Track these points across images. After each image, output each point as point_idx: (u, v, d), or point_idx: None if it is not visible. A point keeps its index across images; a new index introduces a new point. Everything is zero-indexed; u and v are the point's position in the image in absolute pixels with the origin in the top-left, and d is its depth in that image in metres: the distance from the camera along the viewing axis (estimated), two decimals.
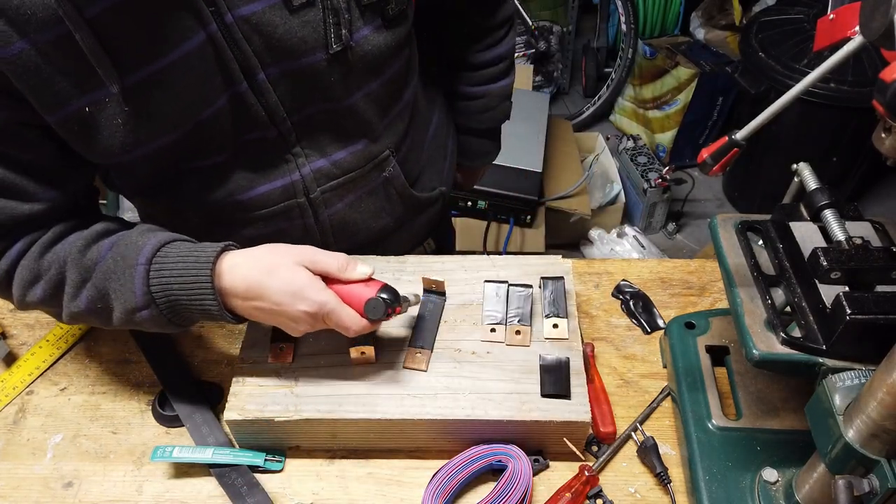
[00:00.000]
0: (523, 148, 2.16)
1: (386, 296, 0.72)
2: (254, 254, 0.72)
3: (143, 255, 0.71)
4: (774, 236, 0.74)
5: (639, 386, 0.88)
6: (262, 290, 0.70)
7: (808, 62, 2.11)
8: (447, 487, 0.74)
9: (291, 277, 0.70)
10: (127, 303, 0.71)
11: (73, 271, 0.73)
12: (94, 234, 0.75)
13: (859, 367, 0.61)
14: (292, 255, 0.72)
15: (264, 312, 0.71)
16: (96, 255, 0.73)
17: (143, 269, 0.70)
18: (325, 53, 0.75)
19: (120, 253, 0.72)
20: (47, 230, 0.74)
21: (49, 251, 0.74)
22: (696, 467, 0.74)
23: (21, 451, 0.83)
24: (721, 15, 2.87)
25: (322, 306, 0.70)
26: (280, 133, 0.80)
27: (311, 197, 0.86)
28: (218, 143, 0.78)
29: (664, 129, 2.76)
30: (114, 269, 0.71)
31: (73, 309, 0.74)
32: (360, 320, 0.72)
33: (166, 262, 0.71)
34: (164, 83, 0.69)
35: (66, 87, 0.65)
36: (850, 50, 0.54)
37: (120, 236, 0.75)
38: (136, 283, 0.70)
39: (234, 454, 0.79)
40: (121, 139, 0.70)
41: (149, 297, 0.70)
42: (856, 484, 0.57)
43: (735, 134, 0.61)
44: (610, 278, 1.02)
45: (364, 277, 0.73)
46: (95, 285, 0.72)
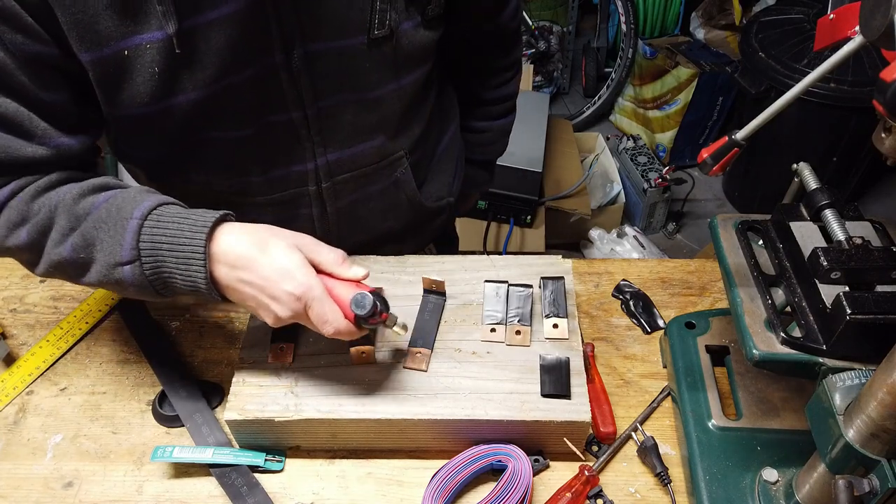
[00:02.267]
0: (523, 148, 2.16)
1: (379, 301, 0.70)
2: (253, 228, 0.71)
3: (139, 209, 0.69)
4: (774, 236, 0.74)
5: (639, 386, 0.88)
6: (252, 262, 0.68)
7: (808, 62, 2.11)
8: (447, 487, 0.74)
9: (285, 256, 0.68)
10: (111, 255, 0.69)
11: (63, 217, 0.71)
12: (91, 186, 0.73)
13: (859, 366, 0.61)
14: (291, 236, 0.71)
15: (248, 286, 0.69)
16: (90, 205, 0.71)
17: (137, 223, 0.68)
18: (365, 38, 0.76)
19: (116, 205, 0.70)
20: (43, 176, 0.73)
21: (42, 196, 0.72)
22: (696, 467, 0.74)
23: (21, 451, 0.83)
24: (721, 15, 2.87)
25: (309, 290, 0.67)
26: (304, 117, 0.80)
27: (322, 187, 0.87)
28: (240, 115, 0.77)
29: (664, 129, 2.76)
30: (105, 219, 0.69)
31: (54, 256, 0.72)
32: (341, 318, 0.69)
33: (161, 221, 0.69)
34: (209, 36, 0.69)
35: (110, 27, 0.65)
36: (850, 50, 0.54)
37: (118, 192, 0.73)
38: (126, 235, 0.68)
39: (234, 454, 0.79)
40: (151, 88, 0.70)
41: (135, 253, 0.68)
42: (856, 484, 0.57)
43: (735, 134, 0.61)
44: (610, 278, 1.02)
45: (357, 278, 0.71)
46: (83, 233, 0.70)
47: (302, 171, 0.85)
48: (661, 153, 2.80)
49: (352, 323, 0.69)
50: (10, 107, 0.68)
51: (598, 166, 2.55)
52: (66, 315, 0.97)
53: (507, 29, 0.98)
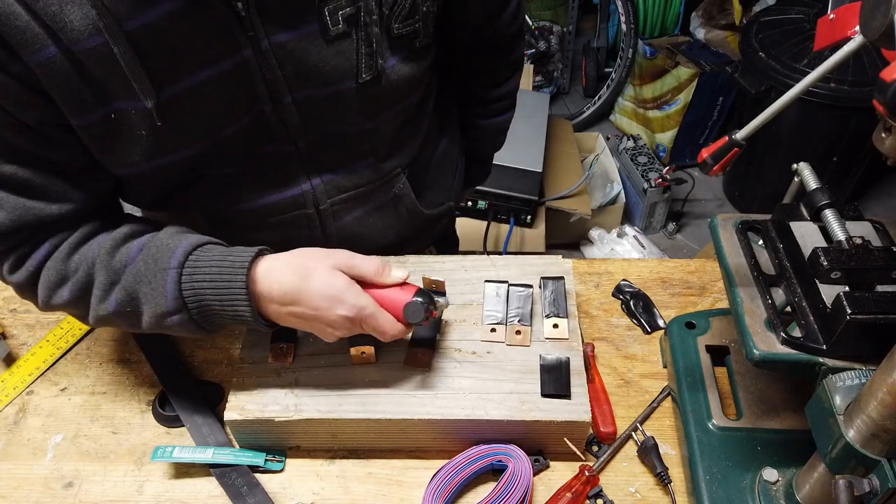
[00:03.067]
0: (523, 148, 2.16)
1: (422, 299, 0.73)
2: (289, 258, 0.71)
3: (175, 258, 0.70)
4: (774, 236, 0.74)
5: (639, 386, 0.88)
6: (299, 295, 0.69)
7: (808, 62, 2.11)
8: (447, 487, 0.74)
9: (329, 282, 0.69)
10: (158, 307, 0.70)
11: (102, 273, 0.71)
12: (122, 236, 0.74)
13: (859, 366, 0.61)
14: (329, 259, 0.71)
15: (300, 318, 0.71)
16: (126, 256, 0.72)
17: (176, 273, 0.69)
18: (353, 83, 0.76)
19: (151, 255, 0.71)
20: (73, 231, 0.73)
21: (76, 252, 0.73)
22: (696, 467, 0.74)
23: (21, 451, 0.83)
24: (721, 15, 2.87)
25: (361, 310, 0.70)
26: (296, 148, 0.80)
27: (320, 209, 0.87)
28: (234, 157, 0.78)
29: (664, 128, 2.76)
30: (144, 273, 0.70)
31: (101, 312, 0.73)
32: (397, 324, 0.72)
33: (199, 266, 0.69)
34: (192, 101, 0.69)
35: (93, 96, 0.65)
36: (850, 50, 0.54)
37: (150, 238, 0.73)
38: (167, 287, 0.69)
39: (235, 454, 0.79)
40: (141, 150, 0.70)
41: (180, 302, 0.69)
42: (856, 484, 0.57)
43: (735, 134, 0.61)
44: (610, 278, 1.02)
45: (399, 281, 0.74)
46: (125, 288, 0.71)
47: (297, 195, 0.84)
48: (661, 153, 2.80)
49: (406, 326, 0.74)
50: (24, 173, 0.68)
51: (598, 166, 2.55)
52: (66, 315, 0.97)
53: (508, 31, 0.98)
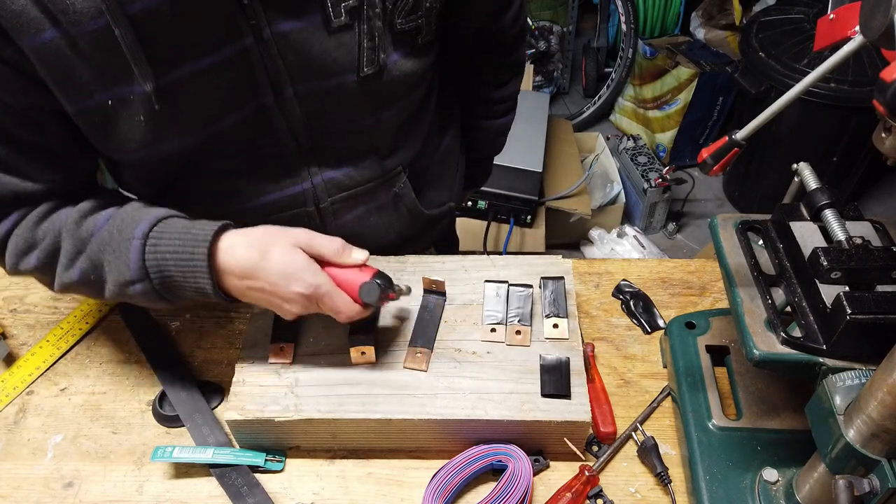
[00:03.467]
0: (523, 148, 2.16)
1: (380, 281, 0.73)
2: (251, 234, 0.72)
3: (139, 228, 0.71)
4: (774, 236, 0.74)
5: (639, 386, 0.88)
6: (258, 271, 0.69)
7: (808, 62, 2.11)
8: (447, 487, 0.74)
9: (287, 259, 0.70)
10: (120, 275, 0.71)
11: (68, 242, 0.73)
12: (90, 207, 0.75)
13: (859, 366, 0.61)
14: (289, 236, 0.71)
15: (258, 292, 0.71)
16: (92, 226, 0.73)
17: (140, 243, 0.70)
18: (355, 76, 0.76)
19: (116, 226, 0.72)
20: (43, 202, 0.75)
21: (45, 221, 0.74)
22: (696, 467, 0.74)
23: (21, 451, 0.83)
24: (721, 15, 2.87)
25: (317, 289, 0.70)
26: (296, 145, 0.81)
27: (320, 207, 0.87)
28: (234, 149, 0.78)
29: (664, 129, 2.76)
30: (109, 242, 0.71)
31: (66, 279, 0.74)
32: (353, 305, 0.72)
33: (162, 238, 0.70)
34: (192, 87, 0.69)
35: (92, 81, 0.66)
36: (850, 50, 0.54)
37: (117, 209, 0.74)
38: (130, 256, 0.70)
39: (235, 454, 0.79)
40: (139, 136, 0.71)
41: (143, 272, 0.70)
42: (856, 484, 0.57)
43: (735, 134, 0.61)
44: (610, 278, 1.02)
45: (359, 263, 0.73)
46: (90, 257, 0.72)
47: (298, 192, 0.85)
48: (661, 153, 2.80)
49: (362, 307, 0.73)
50: (2, 151, 0.70)
51: (598, 166, 2.55)
52: (66, 315, 0.97)
53: (509, 32, 0.98)
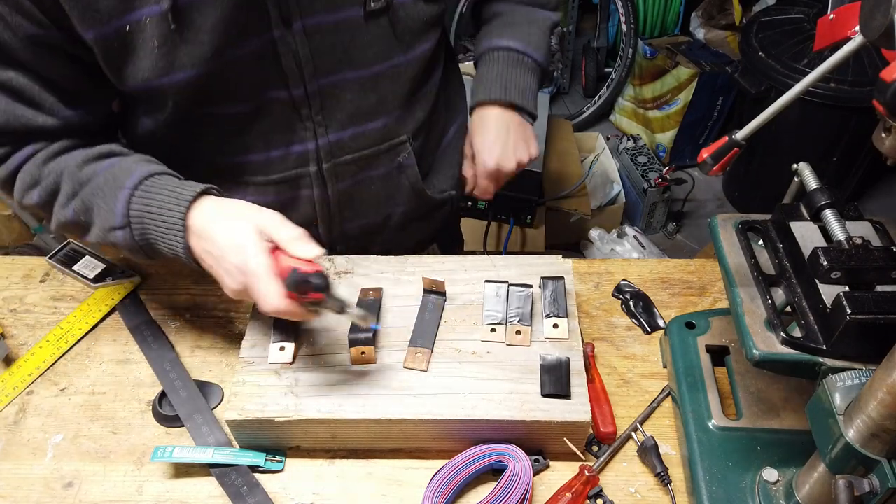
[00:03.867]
0: None
1: (315, 279, 0.68)
2: (226, 202, 0.75)
3: (131, 180, 0.76)
4: (774, 236, 0.74)
5: (639, 386, 0.88)
6: (213, 234, 0.72)
7: (808, 62, 2.11)
8: (447, 487, 0.74)
9: (239, 230, 0.70)
10: (106, 221, 0.77)
11: (68, 183, 0.78)
12: (95, 154, 0.80)
13: (859, 366, 0.61)
14: (251, 212, 0.73)
15: (209, 257, 0.73)
16: (91, 172, 0.78)
17: (128, 192, 0.75)
18: (361, 10, 0.78)
19: (112, 174, 0.77)
20: (55, 141, 0.80)
21: (52, 161, 0.79)
22: (696, 467, 0.74)
23: (21, 452, 0.83)
24: (721, 15, 2.87)
25: (248, 265, 0.69)
26: (304, 95, 0.82)
27: (323, 167, 0.88)
28: (242, 90, 0.80)
29: (664, 129, 2.76)
30: (102, 187, 0.77)
31: (61, 217, 0.80)
32: (277, 297, 0.68)
33: (149, 192, 0.75)
34: (203, 10, 0.72)
35: (110, 4, 0.69)
36: (850, 50, 0.54)
37: (117, 160, 0.80)
38: (118, 204, 0.75)
39: (235, 454, 0.79)
40: (153, 62, 0.74)
41: (126, 220, 0.75)
42: (856, 484, 0.57)
43: (735, 134, 0.61)
44: (610, 278, 1.02)
45: (306, 257, 0.70)
46: (83, 199, 0.78)
47: (302, 150, 0.87)
48: (661, 153, 2.80)
49: (291, 301, 0.69)
50: (20, 80, 0.74)
51: (598, 166, 2.55)
52: (66, 315, 0.97)
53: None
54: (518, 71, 0.99)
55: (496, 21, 1.03)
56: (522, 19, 1.02)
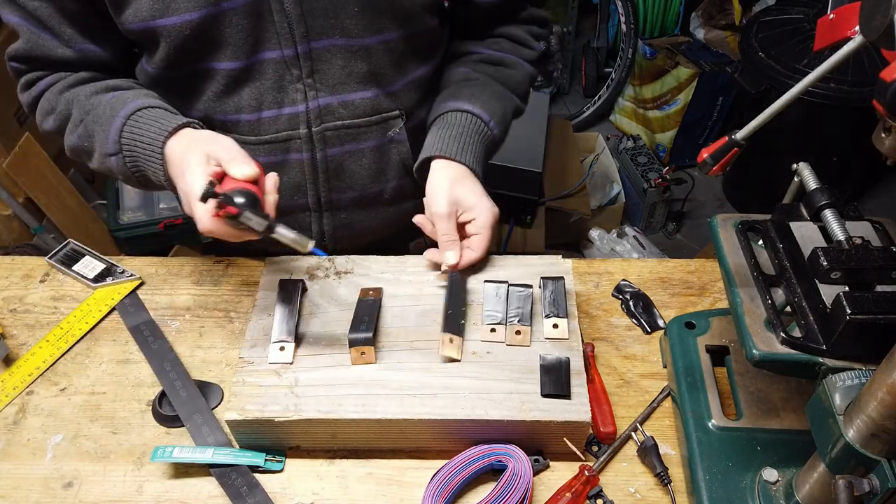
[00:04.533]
0: (523, 148, 2.16)
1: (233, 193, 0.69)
2: (194, 133, 0.80)
3: (125, 109, 0.82)
4: (774, 236, 0.74)
5: (639, 386, 0.88)
6: (173, 160, 0.78)
7: (808, 62, 2.11)
8: (447, 487, 0.74)
9: (188, 155, 0.75)
10: (102, 147, 0.84)
11: (76, 111, 0.86)
12: (103, 86, 0.88)
13: (859, 366, 0.61)
14: (207, 139, 0.77)
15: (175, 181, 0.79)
16: (97, 102, 0.85)
17: (121, 121, 0.82)
18: None
19: (111, 104, 0.84)
20: (74, 72, 0.89)
21: (68, 91, 0.88)
22: (696, 467, 0.74)
23: (21, 452, 0.83)
24: (721, 15, 2.87)
25: (187, 188, 0.73)
26: (295, 55, 0.85)
27: (313, 131, 0.91)
28: (236, 45, 0.84)
29: (664, 129, 2.76)
30: (101, 116, 0.84)
31: (70, 142, 0.88)
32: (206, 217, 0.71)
33: (140, 121, 0.81)
34: None
35: None
36: (850, 50, 0.54)
37: (122, 92, 0.86)
38: (111, 131, 0.82)
39: (235, 454, 0.79)
40: (150, 3, 0.80)
41: (118, 146, 0.82)
42: (856, 484, 0.57)
43: (735, 134, 0.61)
44: (610, 278, 1.02)
45: (243, 177, 0.72)
46: (86, 125, 0.85)
47: (293, 112, 0.90)
48: (661, 153, 2.80)
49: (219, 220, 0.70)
50: (45, 10, 0.82)
51: (598, 166, 2.55)
52: (66, 315, 0.97)
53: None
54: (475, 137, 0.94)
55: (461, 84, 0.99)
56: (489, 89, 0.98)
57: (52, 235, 2.06)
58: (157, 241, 2.18)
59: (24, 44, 0.86)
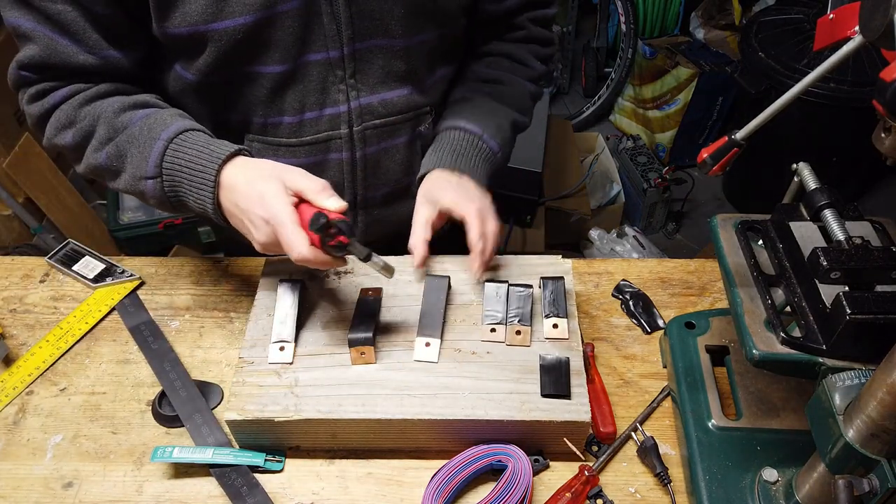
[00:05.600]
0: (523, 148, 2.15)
1: (340, 223, 0.70)
2: (254, 161, 0.78)
3: (167, 132, 0.78)
4: (774, 236, 0.74)
5: (639, 386, 0.88)
6: (238, 186, 0.75)
7: (808, 62, 2.11)
8: (447, 487, 0.74)
9: (263, 184, 0.73)
10: (138, 169, 0.79)
11: (103, 128, 0.81)
12: (132, 102, 0.83)
13: (859, 366, 0.61)
14: (279, 168, 0.75)
15: (237, 210, 0.75)
16: (128, 119, 0.81)
17: (163, 144, 0.78)
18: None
19: (148, 124, 0.80)
20: (94, 85, 0.83)
21: (89, 104, 0.82)
22: (696, 467, 0.74)
23: (21, 452, 0.83)
24: (721, 15, 2.87)
25: (277, 216, 0.71)
26: (340, 57, 0.86)
27: (353, 130, 0.91)
28: (283, 48, 0.83)
29: (664, 129, 2.76)
30: (138, 136, 0.79)
31: (92, 161, 0.83)
32: (304, 244, 0.70)
33: (184, 145, 0.78)
34: None
35: None
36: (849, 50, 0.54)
37: (154, 111, 0.82)
38: (152, 154, 0.78)
39: (234, 454, 0.79)
40: (203, 7, 0.78)
41: (158, 170, 0.78)
42: (856, 484, 0.57)
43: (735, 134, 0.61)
44: (610, 278, 1.02)
45: (333, 208, 0.72)
46: (118, 145, 0.80)
47: (335, 113, 0.90)
48: (661, 153, 2.80)
49: (318, 249, 0.71)
50: (70, 14, 0.77)
51: (598, 166, 2.55)
52: (66, 315, 0.97)
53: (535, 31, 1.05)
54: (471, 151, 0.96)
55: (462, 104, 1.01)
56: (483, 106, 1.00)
57: (52, 235, 2.06)
58: (157, 241, 2.19)
59: (41, 50, 0.79)
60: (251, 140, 0.91)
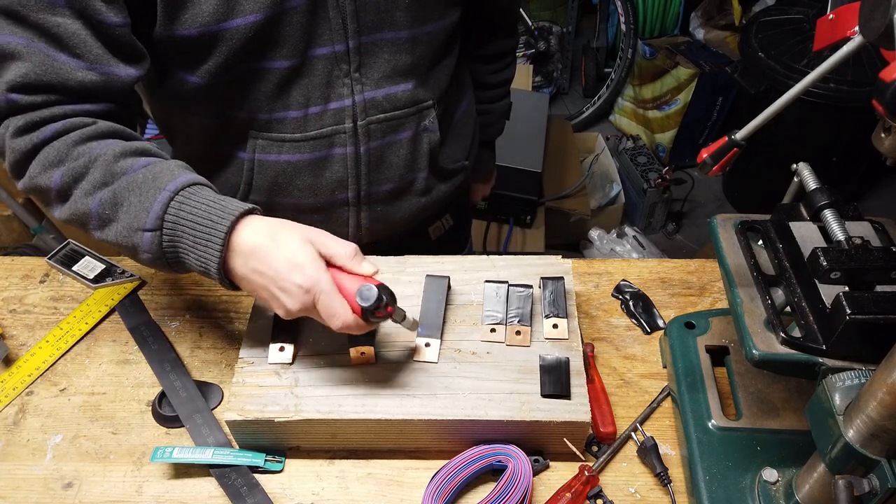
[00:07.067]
0: (523, 148, 2.16)
1: (387, 294, 0.71)
2: (271, 220, 0.72)
3: (174, 183, 0.71)
4: (774, 236, 0.74)
5: (639, 386, 0.88)
6: (265, 254, 0.69)
7: (808, 62, 2.11)
8: (447, 487, 0.74)
9: (296, 248, 0.69)
10: (136, 220, 0.71)
11: (99, 171, 0.73)
12: (134, 148, 0.76)
13: (859, 366, 0.61)
14: (305, 230, 0.72)
15: (259, 277, 0.70)
16: (128, 165, 0.74)
17: (168, 195, 0.71)
18: None
19: (153, 172, 0.73)
20: (92, 124, 0.76)
21: (85, 143, 0.74)
22: (696, 467, 0.74)
23: (21, 452, 0.83)
24: (721, 15, 2.88)
25: (317, 283, 0.68)
26: (346, 51, 0.86)
27: (357, 125, 0.92)
28: (291, 44, 0.83)
29: (664, 129, 2.76)
30: (140, 184, 0.72)
31: (80, 206, 0.74)
32: (349, 312, 0.69)
33: (191, 199, 0.71)
34: None
35: None
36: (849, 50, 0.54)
37: (158, 161, 0.76)
38: (155, 204, 0.70)
39: (234, 455, 0.79)
40: (214, 6, 0.76)
41: (159, 223, 0.71)
42: (856, 484, 0.57)
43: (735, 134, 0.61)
44: (610, 278, 1.02)
45: (367, 274, 0.72)
46: (115, 191, 0.72)
47: (339, 107, 0.90)
48: (661, 153, 2.80)
49: (359, 317, 0.70)
50: (72, 27, 0.71)
51: (597, 166, 2.55)
52: (66, 315, 0.97)
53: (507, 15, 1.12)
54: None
55: None
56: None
57: (52, 235, 2.06)
58: None
59: (34, 68, 0.71)
60: (255, 137, 0.91)
